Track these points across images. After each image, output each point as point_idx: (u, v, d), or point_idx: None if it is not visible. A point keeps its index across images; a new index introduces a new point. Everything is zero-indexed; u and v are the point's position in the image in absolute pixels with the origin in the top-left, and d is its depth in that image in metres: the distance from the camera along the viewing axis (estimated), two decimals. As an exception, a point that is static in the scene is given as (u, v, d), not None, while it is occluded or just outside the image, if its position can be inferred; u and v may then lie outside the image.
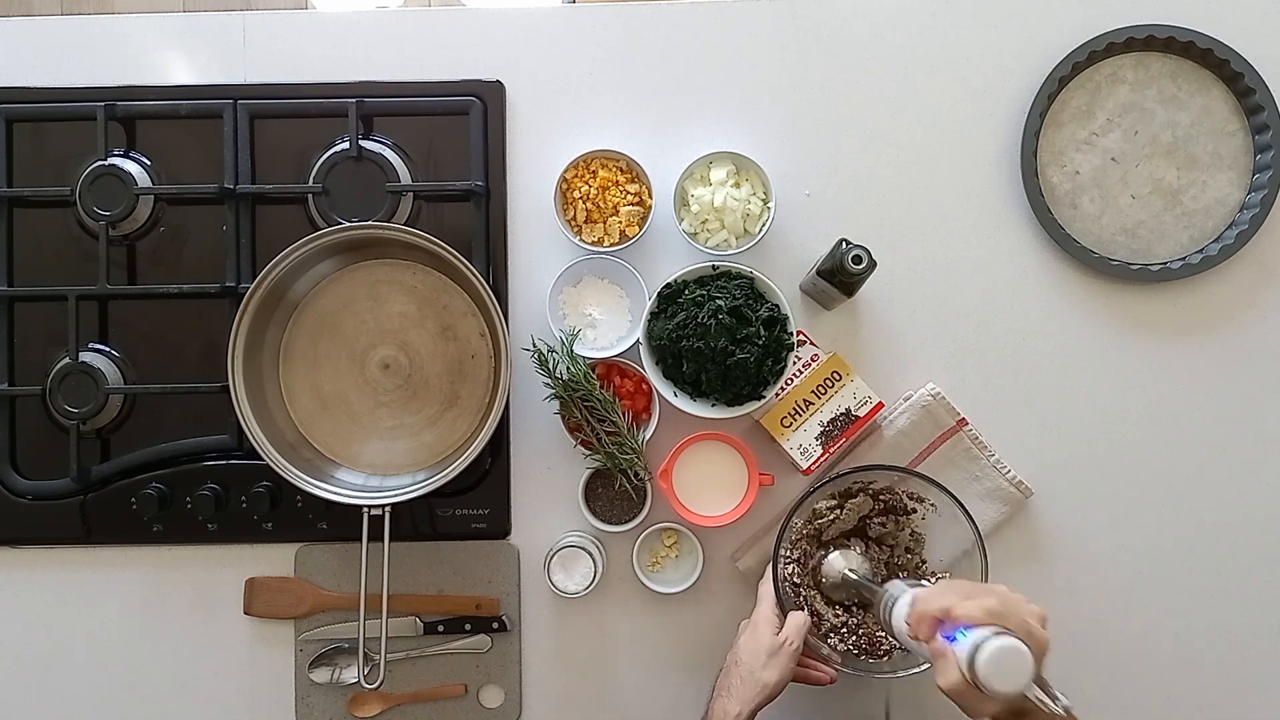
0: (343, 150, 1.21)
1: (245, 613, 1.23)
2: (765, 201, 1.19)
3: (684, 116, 1.24)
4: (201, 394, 1.20)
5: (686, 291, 1.14)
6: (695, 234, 1.19)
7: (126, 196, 1.20)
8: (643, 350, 1.15)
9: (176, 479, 1.21)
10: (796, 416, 1.18)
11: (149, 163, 1.24)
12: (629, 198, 1.19)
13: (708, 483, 1.17)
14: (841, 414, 1.18)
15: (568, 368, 1.16)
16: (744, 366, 1.11)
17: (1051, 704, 0.85)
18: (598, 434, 1.17)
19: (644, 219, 1.18)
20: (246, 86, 1.24)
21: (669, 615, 1.23)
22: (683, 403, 1.15)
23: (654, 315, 1.15)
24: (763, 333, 1.12)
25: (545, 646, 1.23)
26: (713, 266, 1.15)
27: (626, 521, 1.20)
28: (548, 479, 1.23)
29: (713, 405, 1.16)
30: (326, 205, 1.21)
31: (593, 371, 1.17)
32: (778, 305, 1.14)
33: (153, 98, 1.23)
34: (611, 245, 1.19)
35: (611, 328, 1.20)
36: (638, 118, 1.24)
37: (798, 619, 1.07)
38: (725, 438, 1.17)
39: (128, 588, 1.24)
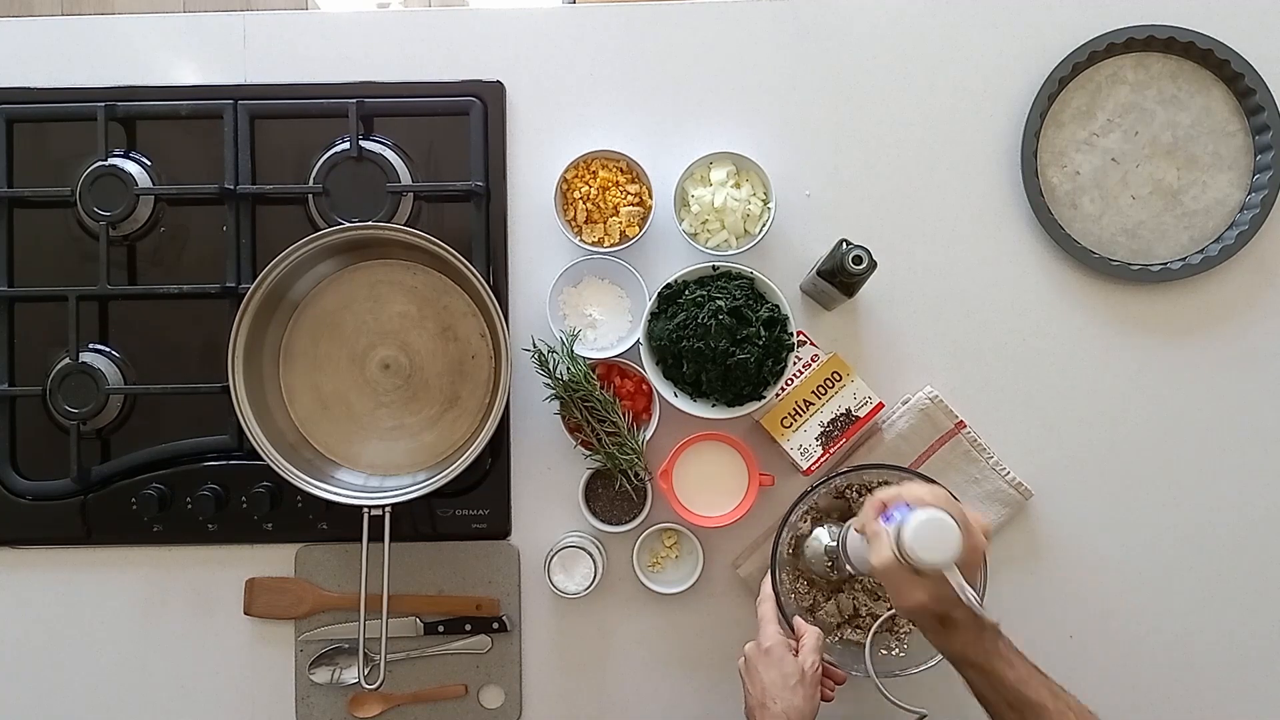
0: (343, 150, 1.21)
1: (245, 613, 1.23)
2: (765, 202, 1.19)
3: (684, 116, 1.24)
4: (202, 394, 1.20)
5: (687, 292, 1.14)
6: (695, 234, 1.19)
7: (127, 197, 1.20)
8: (643, 350, 1.15)
9: (177, 479, 1.21)
10: (797, 417, 1.18)
11: (149, 163, 1.24)
12: (629, 198, 1.19)
13: (708, 483, 1.17)
14: (842, 414, 1.18)
15: (568, 368, 1.16)
16: (744, 367, 1.11)
17: (975, 602, 0.86)
18: (598, 434, 1.17)
19: (644, 219, 1.18)
20: (247, 87, 1.24)
21: (669, 615, 1.23)
22: (683, 403, 1.15)
23: (654, 315, 1.15)
24: (763, 333, 1.12)
25: (545, 647, 1.23)
26: (713, 267, 1.15)
27: (626, 522, 1.20)
28: (548, 479, 1.23)
29: (713, 406, 1.16)
30: (327, 205, 1.20)
31: (593, 372, 1.17)
32: (778, 306, 1.14)
33: (153, 98, 1.23)
34: (612, 245, 1.19)
35: (612, 328, 1.20)
36: (638, 118, 1.24)
37: (812, 638, 1.04)
38: (725, 438, 1.17)
39: (128, 588, 1.24)
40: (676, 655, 1.23)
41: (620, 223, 1.18)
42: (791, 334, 1.14)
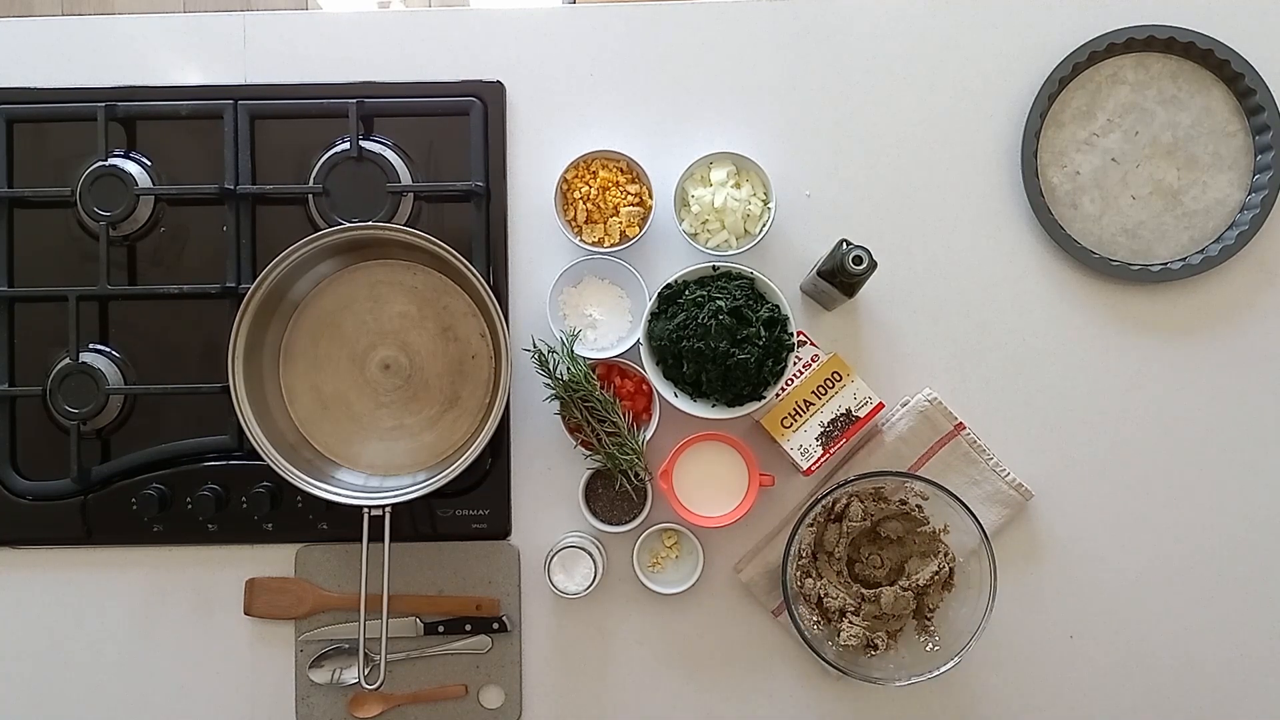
0: (343, 151, 1.21)
1: (246, 613, 1.23)
2: (765, 202, 1.19)
3: (684, 117, 1.24)
4: (202, 394, 1.20)
5: (687, 292, 1.14)
6: (695, 234, 1.19)
7: (127, 197, 1.20)
8: (643, 351, 1.15)
9: (177, 479, 1.21)
10: (797, 417, 1.18)
11: (149, 163, 1.24)
12: (629, 198, 1.19)
13: (708, 483, 1.17)
14: (842, 414, 1.18)
15: (568, 368, 1.16)
16: (744, 367, 1.11)
17: None
18: (598, 434, 1.17)
19: (644, 219, 1.18)
20: (247, 87, 1.24)
21: (669, 616, 1.23)
22: (683, 403, 1.15)
23: (654, 316, 1.15)
24: (763, 333, 1.12)
25: (545, 647, 1.23)
26: (713, 267, 1.15)
27: (627, 522, 1.20)
28: (548, 479, 1.23)
29: (713, 406, 1.16)
30: (327, 206, 1.20)
31: (593, 372, 1.17)
32: (778, 306, 1.14)
33: (153, 98, 1.23)
34: (612, 246, 1.19)
35: (612, 328, 1.20)
36: (638, 118, 1.24)
37: None
38: (726, 438, 1.17)
39: (128, 588, 1.24)
40: (677, 655, 1.23)
41: (620, 223, 1.18)
42: (791, 334, 1.14)
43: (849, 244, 1.07)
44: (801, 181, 1.23)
